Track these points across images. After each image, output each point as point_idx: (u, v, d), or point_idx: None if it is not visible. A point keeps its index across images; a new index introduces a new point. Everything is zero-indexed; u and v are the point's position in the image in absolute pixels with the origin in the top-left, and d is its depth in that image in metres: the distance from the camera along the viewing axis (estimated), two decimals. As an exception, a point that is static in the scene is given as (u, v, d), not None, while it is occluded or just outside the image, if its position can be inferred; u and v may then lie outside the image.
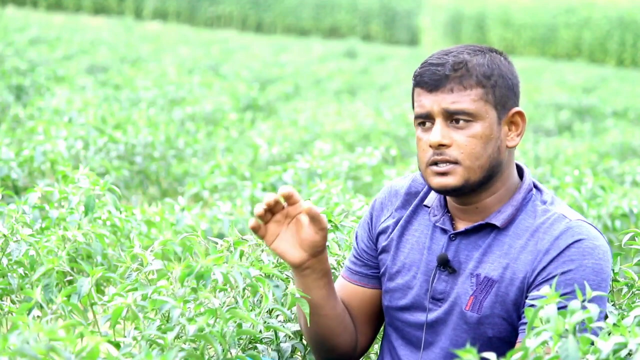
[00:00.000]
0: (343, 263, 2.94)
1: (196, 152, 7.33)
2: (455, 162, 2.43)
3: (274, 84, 13.52)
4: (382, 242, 2.62)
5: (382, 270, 2.63)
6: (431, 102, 2.44)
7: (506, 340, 2.45)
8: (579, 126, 11.96)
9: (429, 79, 2.44)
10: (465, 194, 2.47)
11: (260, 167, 6.97)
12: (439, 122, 2.43)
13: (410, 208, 2.60)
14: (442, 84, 2.43)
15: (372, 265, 2.65)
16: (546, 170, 6.54)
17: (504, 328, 2.45)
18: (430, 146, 2.44)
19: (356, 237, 2.69)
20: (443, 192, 2.47)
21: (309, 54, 20.54)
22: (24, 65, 10.88)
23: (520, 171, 2.56)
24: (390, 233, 2.61)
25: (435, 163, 2.45)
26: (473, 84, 2.43)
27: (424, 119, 2.46)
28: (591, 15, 28.97)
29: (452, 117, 2.43)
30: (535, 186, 2.54)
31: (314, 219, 2.45)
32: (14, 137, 6.22)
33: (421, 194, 2.60)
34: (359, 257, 2.66)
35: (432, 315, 2.51)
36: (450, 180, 2.44)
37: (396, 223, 2.61)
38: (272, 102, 11.83)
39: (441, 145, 2.43)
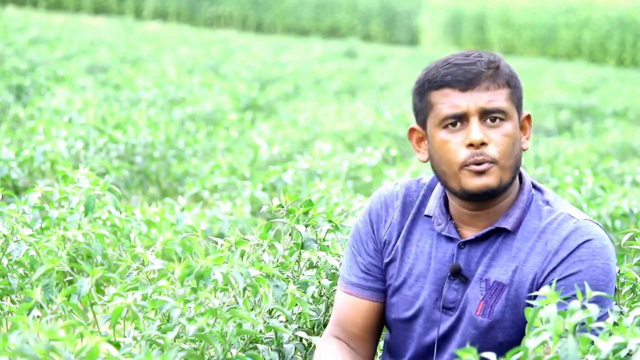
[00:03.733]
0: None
1: (196, 152, 7.33)
2: (492, 162, 2.38)
3: (274, 84, 13.52)
4: (387, 254, 2.57)
5: (387, 283, 2.58)
6: (466, 101, 2.39)
7: (516, 344, 2.41)
8: (579, 126, 11.96)
9: (463, 78, 2.39)
10: (492, 196, 2.43)
11: (260, 167, 6.97)
12: (475, 120, 2.38)
13: (409, 218, 2.55)
14: (477, 83, 2.39)
15: (382, 279, 2.58)
16: (546, 170, 6.53)
17: (514, 332, 2.42)
18: (471, 145, 2.38)
19: (359, 253, 2.59)
20: (481, 193, 2.41)
21: (309, 54, 20.54)
22: (24, 65, 10.88)
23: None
24: (394, 244, 2.55)
25: (475, 164, 2.38)
26: (504, 83, 2.41)
27: (457, 119, 2.40)
28: (591, 15, 28.98)
29: (488, 115, 2.39)
30: (535, 186, 2.52)
31: None
32: (14, 137, 6.22)
33: (417, 203, 2.55)
34: (367, 272, 2.58)
35: (444, 326, 2.48)
36: (490, 180, 2.38)
37: (398, 234, 2.55)
38: (272, 102, 11.83)
39: (482, 144, 2.38)
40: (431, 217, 2.53)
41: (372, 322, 2.60)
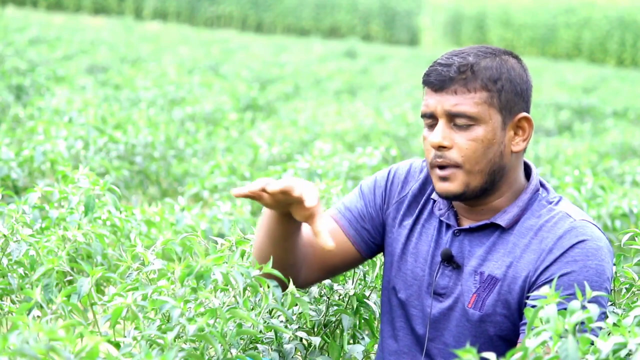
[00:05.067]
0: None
1: (196, 152, 7.32)
2: (456, 166, 2.43)
3: (274, 84, 13.52)
4: (393, 222, 2.61)
5: (387, 258, 2.61)
6: (435, 102, 2.44)
7: (507, 338, 2.45)
8: (579, 126, 11.96)
9: (435, 79, 2.44)
10: (468, 198, 2.47)
11: (260, 167, 6.96)
12: (441, 123, 2.44)
13: (425, 196, 2.61)
14: (447, 85, 2.43)
15: (370, 231, 2.63)
16: (546, 170, 6.53)
17: (506, 326, 2.44)
18: (432, 147, 2.44)
19: (362, 198, 2.65)
20: (445, 197, 2.47)
21: (309, 54, 20.54)
22: (24, 65, 10.87)
23: (528, 170, 2.55)
24: (404, 216, 2.60)
25: (438, 166, 2.45)
26: (477, 87, 2.42)
27: (429, 119, 2.46)
28: (591, 15, 28.98)
29: (454, 119, 2.43)
30: (543, 185, 2.54)
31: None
32: (14, 137, 6.22)
33: (433, 185, 2.60)
34: (362, 217, 2.63)
35: (434, 310, 2.51)
36: (452, 186, 2.44)
37: (409, 206, 2.60)
38: (272, 102, 11.83)
39: (442, 147, 2.43)
40: (436, 200, 2.57)
41: (333, 260, 2.61)
